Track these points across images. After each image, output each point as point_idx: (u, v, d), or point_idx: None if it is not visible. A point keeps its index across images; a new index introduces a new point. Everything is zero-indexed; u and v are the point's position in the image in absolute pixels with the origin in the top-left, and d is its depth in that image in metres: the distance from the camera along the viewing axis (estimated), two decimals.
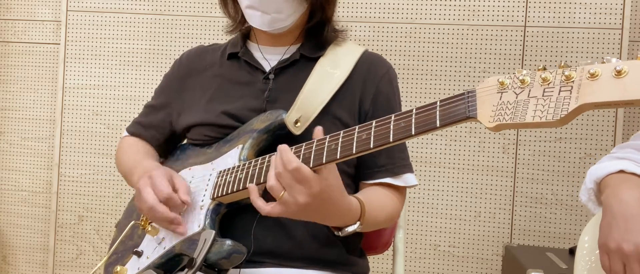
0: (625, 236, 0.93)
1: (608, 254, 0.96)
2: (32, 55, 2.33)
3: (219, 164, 1.03)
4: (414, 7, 2.08)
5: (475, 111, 0.70)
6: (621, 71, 0.61)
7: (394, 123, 0.78)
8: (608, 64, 0.62)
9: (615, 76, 0.61)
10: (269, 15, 1.06)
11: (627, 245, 0.93)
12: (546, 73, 0.66)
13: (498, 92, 0.69)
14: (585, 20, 2.00)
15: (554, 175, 2.02)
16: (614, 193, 1.00)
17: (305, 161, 0.84)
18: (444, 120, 0.72)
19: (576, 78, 0.64)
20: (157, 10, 2.21)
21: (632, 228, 0.94)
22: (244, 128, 1.05)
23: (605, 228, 0.98)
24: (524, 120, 0.65)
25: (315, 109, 1.04)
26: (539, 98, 0.65)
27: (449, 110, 0.72)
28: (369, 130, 0.80)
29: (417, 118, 0.75)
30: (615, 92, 0.61)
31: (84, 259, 2.28)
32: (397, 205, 1.09)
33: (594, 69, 0.62)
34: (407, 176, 1.09)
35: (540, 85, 0.66)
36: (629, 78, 0.60)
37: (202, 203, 0.99)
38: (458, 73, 2.06)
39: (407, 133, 0.75)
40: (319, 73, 1.07)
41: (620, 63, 0.61)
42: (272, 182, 0.84)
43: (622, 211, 0.96)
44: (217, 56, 1.19)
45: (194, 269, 0.89)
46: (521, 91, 0.67)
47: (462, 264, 2.07)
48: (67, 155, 2.26)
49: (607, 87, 0.61)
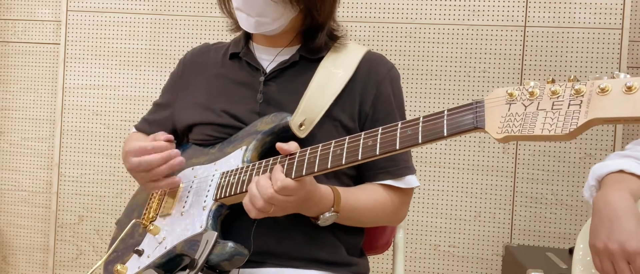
0: (610, 235, 0.96)
1: (597, 254, 0.99)
2: (32, 55, 2.33)
3: (222, 165, 1.03)
4: (414, 7, 2.08)
5: (484, 122, 0.70)
6: (632, 87, 0.61)
7: (400, 131, 0.78)
8: (618, 80, 0.63)
9: (626, 92, 0.62)
10: (253, 18, 1.06)
11: (612, 244, 0.96)
12: (555, 86, 0.66)
13: (506, 103, 0.69)
14: (585, 20, 2.00)
15: (554, 175, 2.02)
16: (602, 195, 1.03)
17: (309, 166, 0.85)
18: (452, 130, 0.72)
19: (586, 92, 0.64)
20: (157, 10, 2.21)
21: (615, 227, 0.97)
22: (248, 129, 1.05)
23: (593, 229, 1.01)
24: (533, 132, 0.65)
25: (319, 112, 1.04)
26: (547, 111, 0.66)
27: (457, 120, 0.72)
28: (376, 137, 0.80)
29: (424, 126, 0.75)
30: (625, 108, 0.61)
31: (84, 259, 2.28)
32: (396, 204, 1.09)
33: (604, 84, 0.63)
34: (409, 178, 1.09)
35: (549, 98, 0.66)
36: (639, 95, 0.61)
37: (205, 204, 0.99)
38: (458, 73, 2.06)
39: (413, 142, 0.76)
40: (323, 75, 1.07)
41: (631, 79, 0.62)
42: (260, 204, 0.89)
43: (607, 212, 0.99)
44: (219, 55, 1.19)
45: (195, 270, 0.89)
46: (530, 103, 0.68)
47: (462, 264, 2.07)
48: (67, 155, 2.26)
49: (617, 102, 0.62)
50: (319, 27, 1.11)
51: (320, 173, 0.85)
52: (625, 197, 1.00)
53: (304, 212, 0.97)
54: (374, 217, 1.07)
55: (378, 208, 1.06)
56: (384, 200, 1.07)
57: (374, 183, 1.08)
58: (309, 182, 0.90)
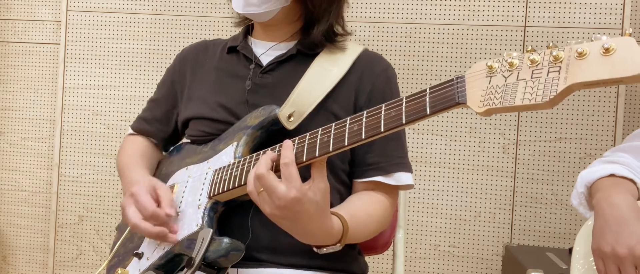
0: (619, 239, 0.94)
1: (602, 258, 0.97)
2: (32, 55, 2.33)
3: (215, 162, 1.03)
4: (414, 7, 2.08)
5: (465, 96, 0.69)
6: (609, 49, 0.59)
7: (384, 113, 0.77)
8: (596, 42, 0.61)
9: (603, 54, 0.59)
10: None
11: (621, 249, 0.93)
12: (534, 55, 0.65)
13: (487, 76, 0.68)
14: (585, 20, 2.00)
15: (554, 175, 2.02)
16: (605, 197, 1.01)
17: (298, 156, 0.84)
18: (434, 107, 0.71)
19: (564, 58, 0.62)
20: (157, 10, 2.21)
21: (624, 231, 0.94)
22: (238, 125, 1.05)
23: (598, 232, 0.98)
24: (514, 103, 0.64)
25: (310, 105, 1.03)
26: (527, 80, 0.64)
27: (439, 96, 0.72)
28: (361, 121, 0.79)
29: (407, 106, 0.75)
30: (603, 70, 0.59)
31: (84, 260, 2.28)
32: (387, 210, 1.07)
33: (581, 48, 0.61)
34: (400, 175, 1.07)
35: (529, 67, 0.65)
36: (617, 56, 0.59)
37: (200, 202, 0.99)
38: (458, 73, 2.05)
39: (398, 122, 0.75)
40: (316, 71, 1.07)
41: (609, 40, 0.59)
42: (250, 187, 0.86)
43: (614, 215, 0.97)
44: (217, 50, 1.20)
45: (193, 268, 0.89)
46: (510, 74, 0.66)
47: (462, 264, 2.07)
48: (67, 155, 2.26)
49: (595, 65, 0.60)
50: (315, 21, 1.11)
51: (309, 162, 0.83)
52: (629, 200, 0.98)
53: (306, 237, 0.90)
54: (371, 233, 1.06)
55: (374, 223, 1.04)
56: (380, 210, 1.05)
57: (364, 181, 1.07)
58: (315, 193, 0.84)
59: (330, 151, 0.81)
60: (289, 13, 1.10)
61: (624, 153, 1.16)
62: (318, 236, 0.89)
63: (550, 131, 2.02)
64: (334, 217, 0.91)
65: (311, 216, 0.84)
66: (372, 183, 1.07)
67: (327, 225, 0.88)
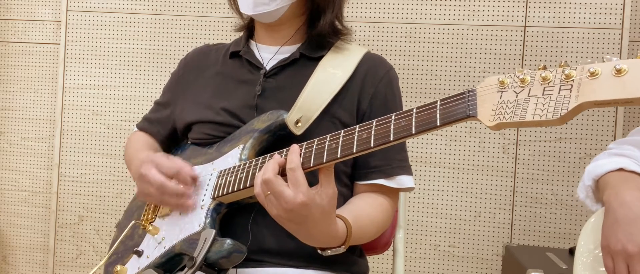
0: (630, 237, 0.94)
1: (611, 255, 0.97)
2: (32, 55, 2.33)
3: (220, 164, 1.03)
4: (414, 7, 2.08)
5: (476, 110, 0.70)
6: (621, 70, 0.61)
7: (394, 123, 0.78)
8: (608, 63, 0.63)
9: (615, 75, 0.62)
10: None
11: (632, 246, 0.93)
12: (546, 73, 0.67)
13: (498, 91, 0.70)
14: (585, 20, 2.00)
15: (554, 175, 2.02)
16: (616, 194, 1.00)
17: (305, 161, 0.84)
18: (444, 119, 0.72)
19: (576, 77, 0.64)
20: (157, 10, 2.21)
21: (635, 229, 0.94)
22: (245, 128, 1.05)
23: (608, 229, 0.98)
24: (524, 118, 0.65)
25: (316, 109, 1.03)
26: (539, 97, 0.66)
27: (449, 109, 0.73)
28: (370, 130, 0.80)
29: (417, 117, 0.76)
30: (615, 90, 0.61)
31: (84, 259, 2.28)
32: (388, 212, 1.08)
33: (594, 68, 0.63)
34: (402, 178, 1.08)
35: (541, 84, 0.67)
36: (629, 77, 0.61)
37: (203, 203, 0.99)
38: (458, 73, 2.06)
39: (407, 132, 0.76)
40: (321, 74, 1.07)
41: (620, 62, 0.62)
42: (257, 189, 0.86)
43: (625, 213, 0.97)
44: (220, 55, 1.20)
45: (194, 268, 0.89)
46: (521, 90, 0.68)
47: (462, 264, 2.07)
48: (67, 155, 2.26)
49: (606, 85, 0.62)
50: (320, 12, 1.11)
51: (316, 167, 0.84)
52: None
53: (310, 239, 0.90)
54: (372, 236, 1.06)
55: (375, 226, 1.05)
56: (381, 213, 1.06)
57: (366, 184, 1.08)
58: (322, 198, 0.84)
59: (338, 157, 0.82)
60: (296, 9, 1.11)
61: (630, 146, 1.15)
62: (323, 239, 0.90)
63: (550, 131, 2.02)
64: (339, 220, 0.92)
65: (317, 220, 0.85)
66: (374, 186, 1.07)
67: (333, 228, 0.89)
